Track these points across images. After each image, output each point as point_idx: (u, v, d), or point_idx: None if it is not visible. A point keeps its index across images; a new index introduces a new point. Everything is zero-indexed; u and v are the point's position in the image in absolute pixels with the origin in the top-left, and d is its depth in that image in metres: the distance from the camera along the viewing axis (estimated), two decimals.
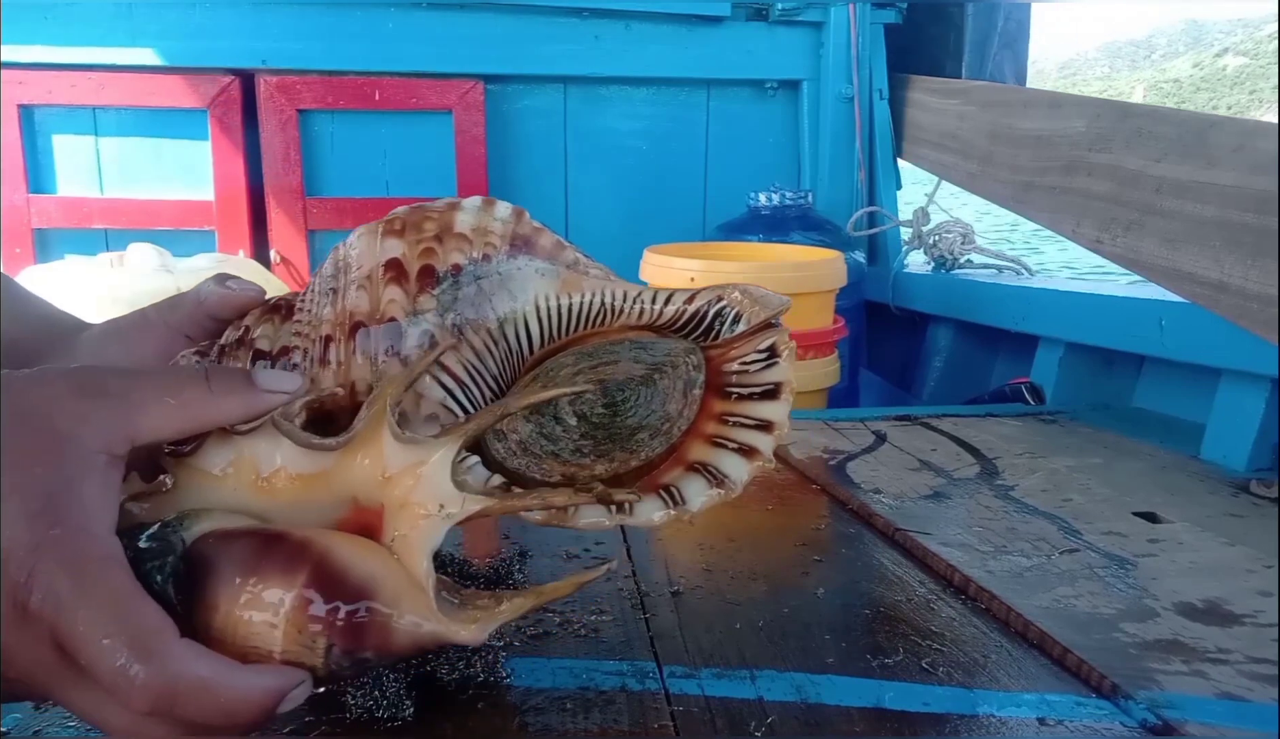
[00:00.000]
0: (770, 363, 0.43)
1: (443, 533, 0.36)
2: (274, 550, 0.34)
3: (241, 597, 0.34)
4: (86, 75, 1.63)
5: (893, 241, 1.82)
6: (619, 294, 0.42)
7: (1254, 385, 0.88)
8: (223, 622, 0.33)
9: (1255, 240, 0.82)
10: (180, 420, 0.36)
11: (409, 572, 0.35)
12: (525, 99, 1.82)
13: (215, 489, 0.37)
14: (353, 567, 0.34)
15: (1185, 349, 0.99)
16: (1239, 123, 0.91)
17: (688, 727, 0.42)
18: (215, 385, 0.36)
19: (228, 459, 0.37)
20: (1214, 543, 0.67)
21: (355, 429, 0.36)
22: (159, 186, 1.70)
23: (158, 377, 0.36)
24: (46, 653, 0.31)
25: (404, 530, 0.36)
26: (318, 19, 1.67)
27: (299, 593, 0.33)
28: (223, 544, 0.35)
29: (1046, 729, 0.43)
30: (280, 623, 0.33)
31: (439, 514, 0.36)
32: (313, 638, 0.33)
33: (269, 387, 0.37)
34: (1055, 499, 0.75)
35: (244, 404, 0.37)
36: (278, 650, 0.33)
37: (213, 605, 0.34)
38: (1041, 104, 1.30)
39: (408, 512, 0.36)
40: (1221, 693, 0.46)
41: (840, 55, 1.83)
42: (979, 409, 1.10)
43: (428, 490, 0.36)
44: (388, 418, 0.36)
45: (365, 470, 0.37)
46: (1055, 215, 1.18)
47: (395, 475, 0.36)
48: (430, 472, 0.36)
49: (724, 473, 0.42)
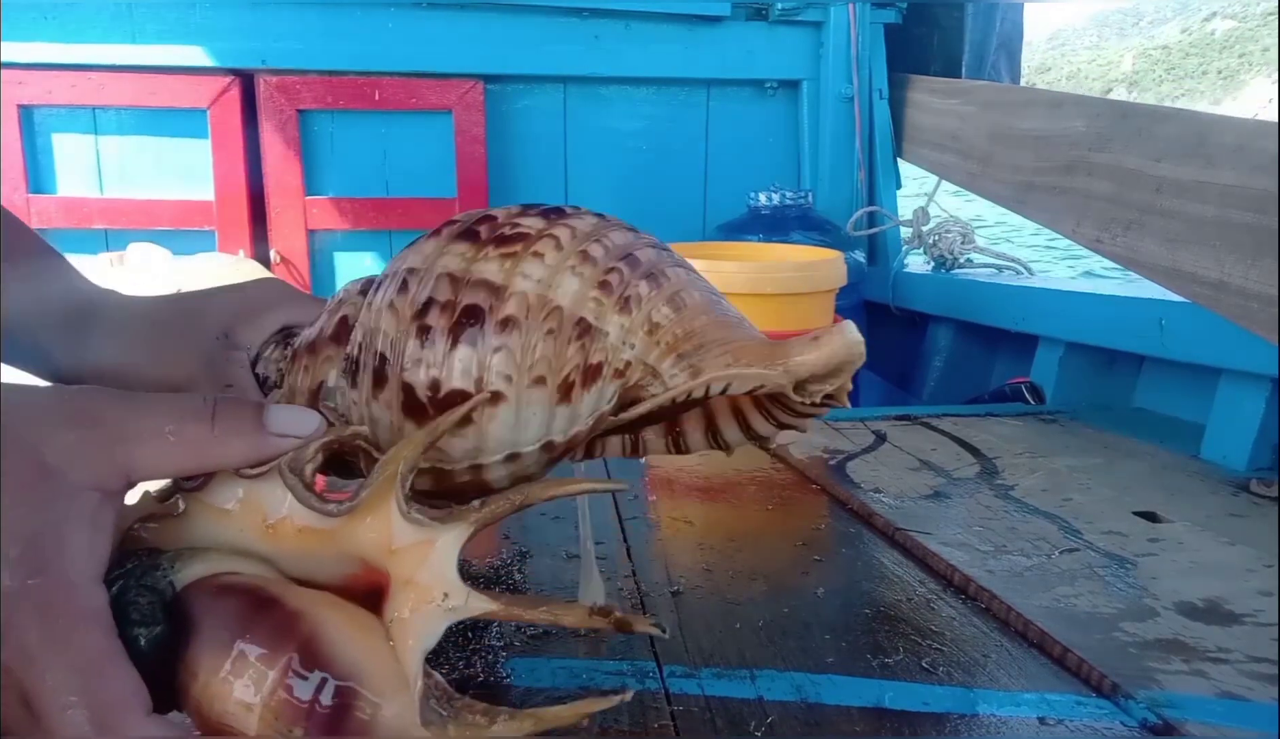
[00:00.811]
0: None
1: (441, 628, 0.33)
2: (262, 620, 0.32)
3: (220, 670, 0.31)
4: (86, 75, 1.63)
5: (892, 241, 1.82)
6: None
7: (1254, 385, 0.88)
8: (200, 691, 0.32)
9: (1255, 240, 0.82)
10: (180, 459, 0.33)
11: (402, 664, 0.33)
12: (525, 99, 1.82)
13: (222, 526, 0.35)
14: (341, 653, 0.32)
15: (1185, 349, 0.99)
16: (1239, 122, 0.91)
17: (688, 726, 0.42)
18: (220, 425, 0.33)
19: (236, 497, 0.35)
20: (1214, 542, 0.67)
21: (360, 498, 0.34)
22: (159, 186, 1.71)
23: (159, 408, 0.33)
24: (13, 705, 0.30)
25: (404, 613, 0.33)
26: (318, 19, 1.67)
27: (279, 677, 0.31)
28: (212, 601, 0.33)
29: (1046, 728, 0.43)
30: (257, 707, 0.31)
31: (441, 605, 0.33)
32: (289, 727, 0.31)
33: (279, 430, 0.34)
34: (1055, 499, 0.75)
35: (249, 448, 0.34)
36: (251, 733, 0.31)
37: (192, 672, 0.32)
38: (1042, 104, 1.30)
39: (412, 590, 0.33)
40: (1222, 692, 0.46)
41: (840, 55, 1.83)
42: (979, 409, 1.10)
43: (434, 573, 0.33)
44: (396, 491, 0.34)
45: (371, 538, 0.34)
46: (1055, 215, 1.18)
47: (402, 549, 0.34)
48: (439, 553, 0.34)
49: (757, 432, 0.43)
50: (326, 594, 0.34)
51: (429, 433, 0.35)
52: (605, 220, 0.41)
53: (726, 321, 0.38)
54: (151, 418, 0.33)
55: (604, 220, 0.41)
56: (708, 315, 0.38)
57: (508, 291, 0.37)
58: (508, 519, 0.70)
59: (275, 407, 0.35)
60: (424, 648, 0.33)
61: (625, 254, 0.39)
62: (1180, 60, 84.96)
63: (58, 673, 0.29)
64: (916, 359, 1.67)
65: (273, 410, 0.35)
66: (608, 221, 0.41)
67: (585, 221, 0.40)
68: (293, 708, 0.31)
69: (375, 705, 0.32)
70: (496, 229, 0.39)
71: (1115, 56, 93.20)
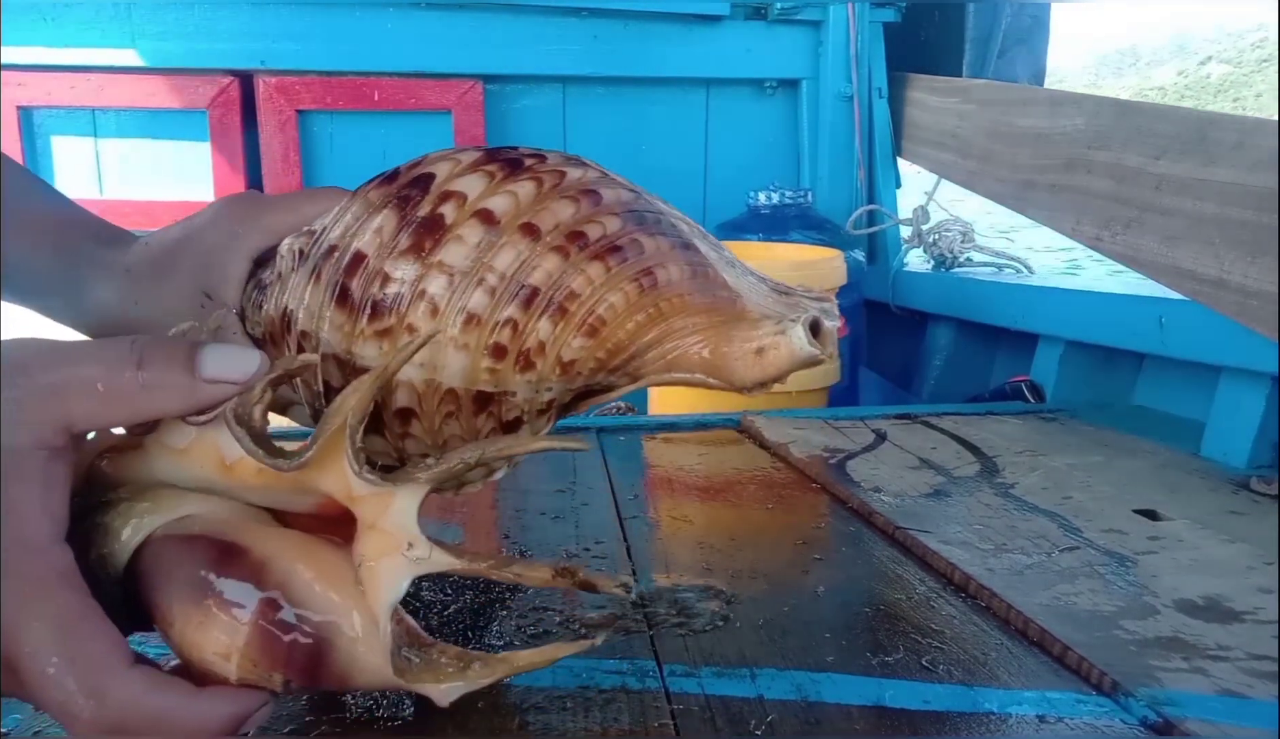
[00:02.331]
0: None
1: (408, 579, 0.33)
2: (230, 570, 0.32)
3: (193, 620, 0.31)
4: (85, 77, 1.63)
5: (892, 240, 1.82)
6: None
7: (1254, 383, 0.88)
8: (178, 639, 0.32)
9: (1255, 237, 0.82)
10: (113, 411, 0.31)
11: (372, 610, 0.32)
12: (524, 98, 1.82)
13: (181, 465, 0.34)
14: (311, 602, 0.32)
15: (1185, 346, 0.99)
16: (1238, 120, 0.91)
17: (688, 726, 0.42)
18: (147, 373, 0.31)
19: (188, 438, 0.33)
20: (1214, 540, 0.67)
21: (309, 454, 0.32)
22: (158, 188, 1.71)
23: (87, 359, 0.31)
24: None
25: (372, 558, 0.33)
26: (316, 19, 1.67)
27: (251, 627, 0.31)
28: (179, 551, 0.32)
29: (1047, 727, 0.43)
30: (233, 656, 0.31)
31: (406, 555, 0.32)
32: (268, 672, 0.32)
33: (213, 375, 0.32)
34: (1055, 497, 0.75)
35: (182, 398, 0.31)
36: (233, 678, 0.32)
37: (168, 620, 0.32)
38: (1041, 102, 1.30)
39: (377, 535, 0.33)
40: (1222, 690, 0.46)
41: (839, 54, 1.83)
42: (979, 407, 1.10)
43: (398, 520, 0.33)
44: (347, 449, 0.32)
45: (330, 485, 0.33)
46: (1055, 213, 1.18)
47: (361, 497, 0.33)
48: (399, 503, 0.33)
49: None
50: (294, 537, 0.34)
51: (375, 379, 0.33)
52: (496, 228, 0.36)
53: (662, 314, 0.35)
54: (79, 368, 0.31)
55: (495, 228, 0.36)
56: (643, 313, 0.35)
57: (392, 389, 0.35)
58: (508, 519, 0.70)
59: (208, 347, 0.32)
60: (392, 600, 0.32)
61: (518, 291, 0.35)
62: (1176, 101, 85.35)
63: (34, 636, 0.29)
64: (916, 358, 1.67)
65: (205, 352, 0.32)
66: (500, 226, 0.36)
67: (470, 240, 0.35)
68: (269, 655, 0.31)
69: (349, 654, 0.32)
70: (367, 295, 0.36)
71: (1110, 95, 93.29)
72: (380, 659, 0.32)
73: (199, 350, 0.32)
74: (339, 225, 0.39)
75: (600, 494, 0.77)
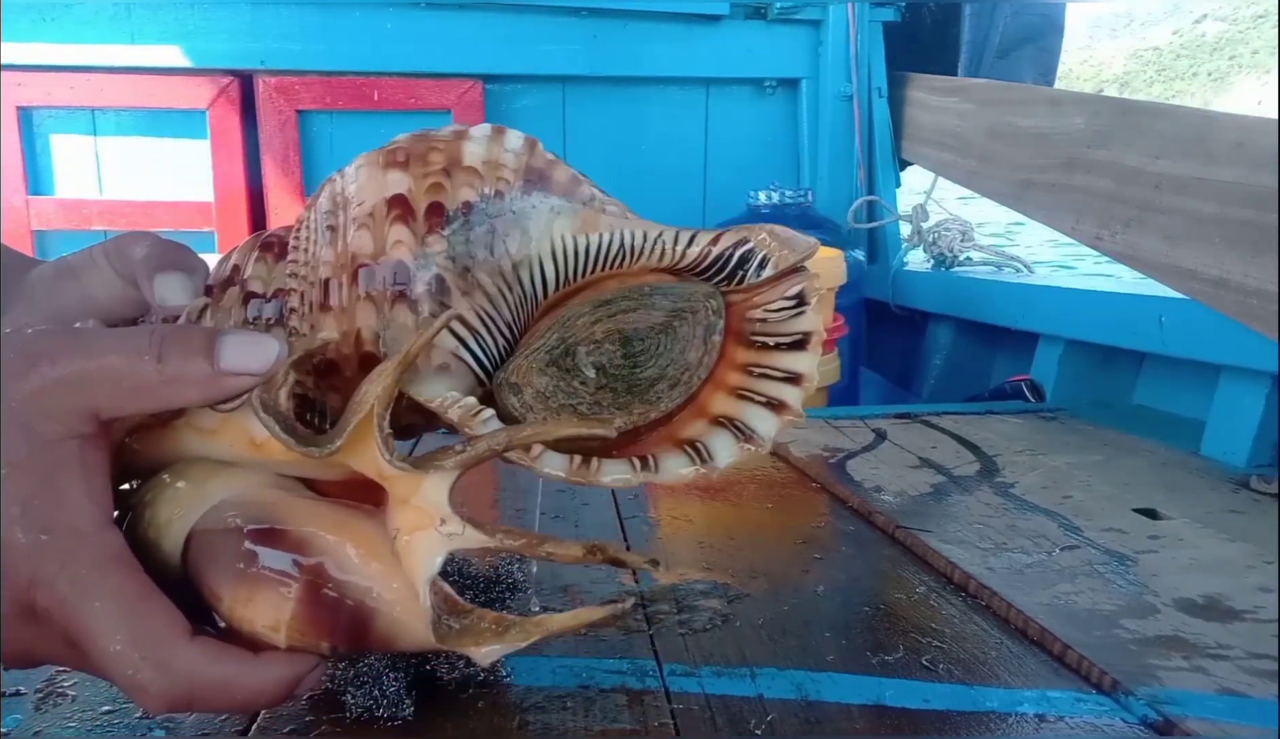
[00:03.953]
0: (798, 311, 0.40)
1: (443, 553, 0.33)
2: (272, 547, 0.33)
3: (240, 597, 0.33)
4: (85, 77, 1.63)
5: (892, 239, 1.82)
6: (638, 234, 0.39)
7: (1254, 382, 0.88)
8: (228, 612, 0.33)
9: (1255, 236, 0.82)
10: (138, 401, 0.31)
11: (410, 580, 0.33)
12: (524, 98, 1.82)
13: (210, 444, 0.35)
14: (357, 574, 0.33)
15: (1185, 346, 0.99)
16: (1238, 119, 0.91)
17: (688, 725, 0.42)
18: (167, 366, 0.31)
19: (216, 420, 0.34)
20: (1214, 539, 0.66)
21: (339, 440, 0.33)
22: (158, 188, 1.70)
23: (108, 350, 0.31)
24: (62, 648, 0.31)
25: (407, 532, 0.33)
26: (316, 19, 1.67)
27: (296, 605, 0.32)
28: (222, 537, 0.33)
29: (1047, 726, 0.43)
30: (282, 627, 0.33)
31: (440, 530, 0.33)
32: (316, 641, 0.33)
33: (233, 368, 0.31)
34: (1055, 496, 0.75)
35: (202, 391, 0.31)
36: (282, 646, 0.33)
37: (217, 595, 0.33)
38: (1040, 101, 1.30)
39: (410, 510, 0.33)
40: (1222, 689, 0.46)
41: (839, 53, 1.83)
42: (979, 407, 1.10)
43: (429, 497, 0.33)
44: (376, 437, 0.33)
45: (362, 466, 0.34)
46: (1054, 212, 1.18)
47: (393, 477, 0.34)
48: (431, 484, 0.33)
49: (751, 428, 0.39)
50: (330, 510, 0.35)
51: (399, 364, 0.33)
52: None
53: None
54: (101, 358, 0.31)
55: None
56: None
57: None
58: (508, 518, 0.70)
59: (227, 337, 0.32)
60: (429, 574, 0.33)
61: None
62: (1171, 61, 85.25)
63: (97, 618, 0.29)
64: (916, 357, 1.67)
65: (224, 343, 0.32)
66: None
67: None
68: (316, 625, 0.33)
69: (392, 624, 0.33)
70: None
71: (1107, 57, 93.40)
72: (421, 625, 0.33)
73: (217, 340, 0.32)
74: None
75: (600, 494, 0.77)
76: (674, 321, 0.40)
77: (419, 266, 0.37)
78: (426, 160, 0.38)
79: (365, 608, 0.33)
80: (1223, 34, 78.94)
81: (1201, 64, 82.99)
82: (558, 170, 0.40)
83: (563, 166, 0.41)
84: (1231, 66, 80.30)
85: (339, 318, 0.37)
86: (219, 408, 0.33)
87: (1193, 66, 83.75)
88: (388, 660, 0.43)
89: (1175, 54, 78.65)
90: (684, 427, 0.40)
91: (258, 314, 0.39)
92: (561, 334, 0.39)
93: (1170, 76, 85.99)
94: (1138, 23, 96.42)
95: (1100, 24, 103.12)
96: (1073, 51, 65.16)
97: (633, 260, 0.40)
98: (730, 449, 0.38)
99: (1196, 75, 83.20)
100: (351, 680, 0.43)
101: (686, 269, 0.41)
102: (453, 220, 0.37)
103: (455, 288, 0.37)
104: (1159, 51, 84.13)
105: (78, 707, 0.44)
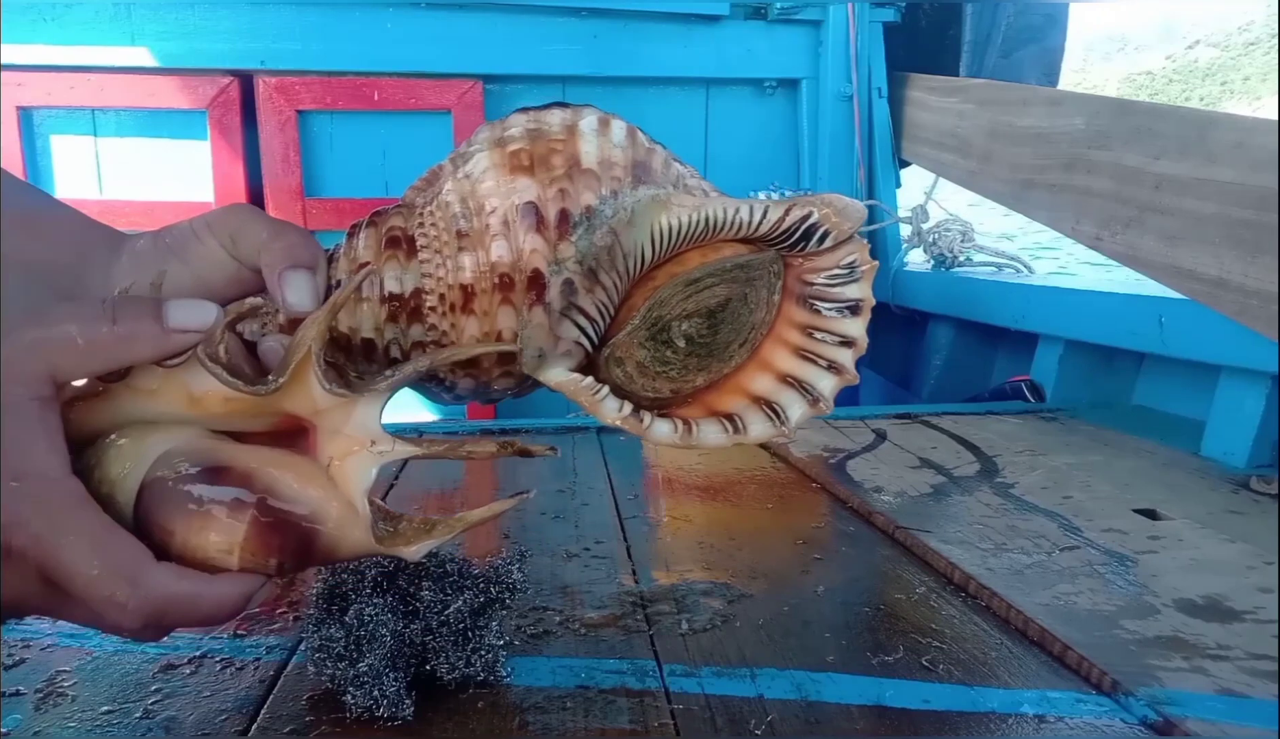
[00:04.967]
0: (850, 279, 0.44)
1: (375, 470, 0.38)
2: (220, 483, 0.36)
3: (194, 527, 0.36)
4: (85, 77, 1.63)
5: (893, 240, 1.82)
6: (719, 211, 0.42)
7: (1254, 382, 0.88)
8: (180, 546, 0.36)
9: (1255, 237, 0.82)
10: (94, 361, 0.35)
11: (345, 496, 0.38)
12: (524, 99, 1.82)
13: (149, 404, 0.38)
14: (298, 499, 0.37)
15: (1185, 346, 0.99)
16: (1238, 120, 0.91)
17: (688, 725, 0.42)
18: (120, 327, 0.35)
19: (158, 379, 0.38)
20: (1214, 539, 0.66)
21: (282, 377, 0.37)
22: (158, 188, 1.70)
23: (65, 318, 0.35)
24: (36, 585, 0.34)
25: (339, 457, 0.38)
26: (316, 19, 1.67)
27: (248, 528, 0.36)
28: (172, 485, 0.36)
29: (1047, 726, 0.43)
30: (235, 550, 0.36)
31: (371, 450, 0.38)
32: (265, 559, 0.36)
33: (179, 325, 0.36)
34: (1055, 496, 0.75)
35: (152, 346, 0.36)
36: (234, 567, 0.36)
37: (169, 531, 0.36)
38: (1040, 102, 1.30)
39: (341, 439, 0.38)
40: (1222, 689, 0.46)
41: (839, 54, 1.83)
42: (979, 407, 1.10)
43: (360, 423, 0.38)
44: (314, 368, 0.37)
45: (297, 403, 0.38)
46: (1055, 213, 1.18)
47: (326, 410, 0.38)
48: (362, 410, 0.38)
49: (819, 391, 0.43)
50: (265, 450, 0.38)
51: (329, 310, 0.38)
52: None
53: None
54: (58, 326, 0.35)
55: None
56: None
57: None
58: (508, 518, 0.70)
59: (173, 302, 0.37)
60: (364, 487, 0.38)
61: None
62: (1164, 86, 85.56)
63: (71, 549, 0.33)
64: (917, 358, 1.67)
65: (171, 307, 0.37)
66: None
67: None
68: (266, 545, 0.36)
69: (336, 534, 0.37)
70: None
71: (1101, 81, 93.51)
72: (360, 532, 0.38)
73: (164, 304, 0.37)
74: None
75: (600, 494, 0.77)
76: (747, 290, 0.44)
77: (552, 273, 0.40)
78: (549, 164, 0.41)
79: (309, 527, 0.37)
80: (1215, 60, 79.27)
81: (1194, 89, 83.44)
82: (654, 158, 0.43)
83: (659, 152, 0.44)
84: (1223, 92, 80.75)
85: (481, 321, 0.41)
86: (166, 364, 0.37)
87: (1185, 91, 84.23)
88: (388, 660, 0.43)
89: (1168, 79, 78.98)
90: (751, 379, 0.45)
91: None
92: (660, 313, 0.43)
93: (1162, 101, 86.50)
94: (1131, 47, 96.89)
95: (1094, 47, 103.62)
96: (1067, 75, 66.30)
97: (714, 235, 0.43)
98: (800, 407, 0.43)
99: (1189, 100, 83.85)
100: (351, 680, 0.43)
101: (759, 240, 0.44)
102: (578, 225, 0.41)
103: (582, 288, 0.40)
104: (1152, 76, 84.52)
105: (78, 707, 0.44)
